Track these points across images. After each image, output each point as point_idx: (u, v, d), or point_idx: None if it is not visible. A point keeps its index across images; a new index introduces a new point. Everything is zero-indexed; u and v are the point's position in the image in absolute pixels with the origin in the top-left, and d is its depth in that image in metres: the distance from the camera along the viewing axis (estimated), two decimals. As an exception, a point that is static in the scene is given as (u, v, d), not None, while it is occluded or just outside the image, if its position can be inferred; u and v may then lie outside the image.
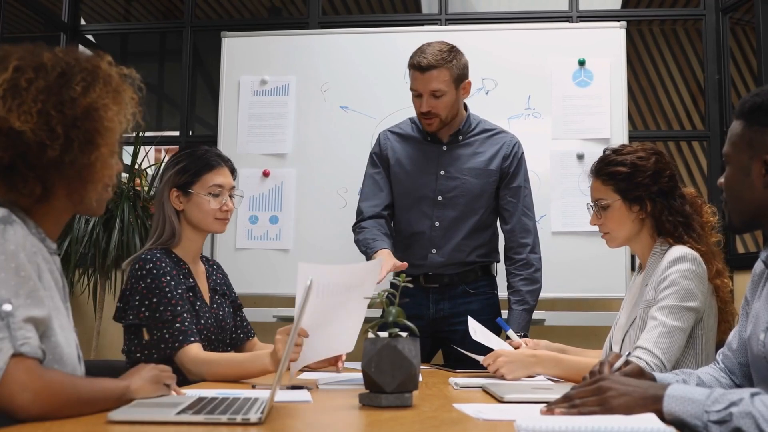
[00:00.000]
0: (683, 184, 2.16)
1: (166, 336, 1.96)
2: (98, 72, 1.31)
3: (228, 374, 1.93)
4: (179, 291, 2.02)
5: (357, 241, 2.74)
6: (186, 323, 1.99)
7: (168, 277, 2.02)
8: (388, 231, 2.77)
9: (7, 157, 1.22)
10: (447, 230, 2.73)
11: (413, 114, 2.78)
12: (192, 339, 1.98)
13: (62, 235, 3.64)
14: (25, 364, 1.14)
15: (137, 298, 2.00)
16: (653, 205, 2.02)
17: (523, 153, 2.79)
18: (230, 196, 2.20)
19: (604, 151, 2.11)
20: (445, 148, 2.76)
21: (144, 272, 2.01)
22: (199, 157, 2.19)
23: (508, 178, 2.75)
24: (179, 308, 1.99)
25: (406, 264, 2.42)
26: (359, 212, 2.82)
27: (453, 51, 2.65)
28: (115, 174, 1.38)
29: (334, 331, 1.85)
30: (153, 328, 1.97)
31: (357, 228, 2.79)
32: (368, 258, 2.61)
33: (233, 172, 2.25)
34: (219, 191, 2.17)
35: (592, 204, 2.12)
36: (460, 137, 2.77)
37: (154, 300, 1.98)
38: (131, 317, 2.00)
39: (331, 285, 1.69)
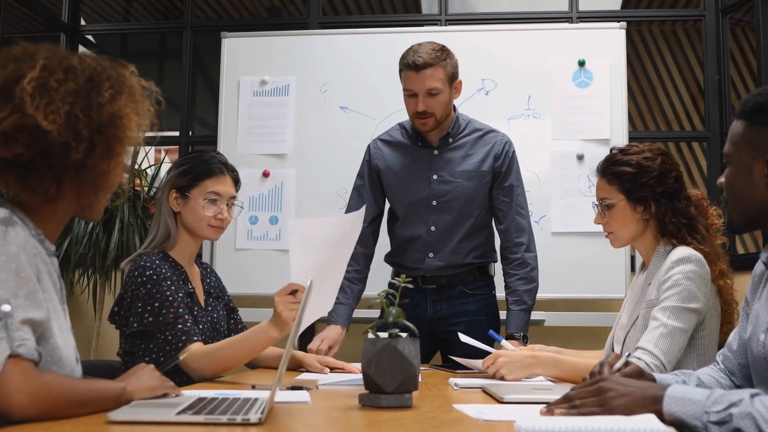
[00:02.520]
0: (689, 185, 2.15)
1: (169, 337, 1.97)
2: (124, 81, 1.32)
3: (235, 356, 1.95)
4: (179, 294, 2.04)
5: None
6: (188, 324, 2.00)
7: (168, 282, 2.03)
8: (361, 267, 2.77)
9: (27, 155, 1.21)
10: (443, 234, 2.73)
11: (413, 114, 2.78)
12: (195, 338, 1.99)
13: (62, 236, 3.64)
14: (21, 365, 1.14)
15: (139, 304, 2.00)
16: (657, 206, 2.01)
17: (514, 152, 2.78)
18: (229, 205, 2.19)
19: (611, 150, 2.11)
20: (436, 152, 2.75)
21: (144, 278, 2.01)
22: (203, 162, 2.18)
23: (500, 177, 2.74)
24: (181, 310, 2.01)
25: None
26: None
27: (445, 50, 2.66)
28: (120, 183, 1.39)
29: (323, 286, 1.83)
30: (156, 332, 1.98)
31: None
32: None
33: (237, 182, 2.23)
34: (216, 199, 2.16)
35: (597, 203, 2.11)
36: (450, 140, 2.75)
37: (156, 305, 1.99)
38: (135, 324, 2.00)
39: (318, 238, 1.70)
